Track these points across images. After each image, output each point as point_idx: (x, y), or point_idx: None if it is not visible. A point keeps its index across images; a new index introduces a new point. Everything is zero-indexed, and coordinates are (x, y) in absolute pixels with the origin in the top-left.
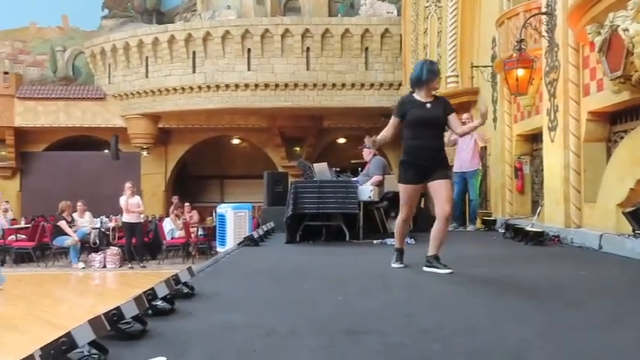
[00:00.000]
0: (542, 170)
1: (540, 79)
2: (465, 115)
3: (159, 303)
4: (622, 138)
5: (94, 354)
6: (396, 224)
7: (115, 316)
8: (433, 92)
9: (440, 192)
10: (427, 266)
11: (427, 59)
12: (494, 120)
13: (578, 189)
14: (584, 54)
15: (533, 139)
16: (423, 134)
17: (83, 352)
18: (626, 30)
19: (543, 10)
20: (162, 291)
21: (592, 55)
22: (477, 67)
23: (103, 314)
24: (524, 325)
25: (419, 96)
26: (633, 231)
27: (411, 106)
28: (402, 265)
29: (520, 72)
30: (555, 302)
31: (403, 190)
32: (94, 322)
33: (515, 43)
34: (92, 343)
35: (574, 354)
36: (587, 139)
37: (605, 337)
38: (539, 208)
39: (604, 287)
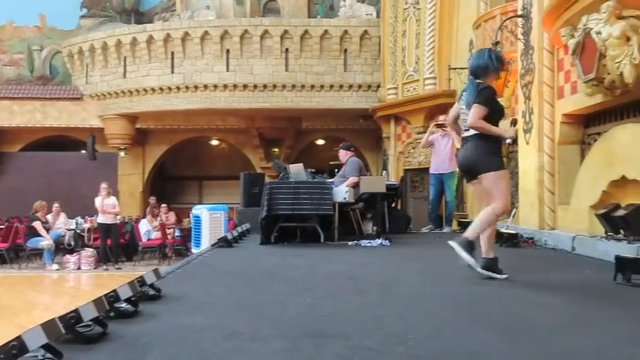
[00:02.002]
0: (518, 172)
1: (516, 81)
2: (441, 117)
3: (122, 305)
4: (595, 140)
5: (48, 358)
6: (489, 220)
7: (72, 318)
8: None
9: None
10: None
11: (489, 48)
12: None
13: (552, 191)
14: (558, 57)
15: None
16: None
17: (37, 355)
18: (598, 33)
19: (519, 12)
20: (126, 293)
21: (566, 58)
22: (454, 69)
23: (59, 317)
24: (490, 327)
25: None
26: (606, 233)
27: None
28: (504, 276)
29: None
30: (523, 305)
31: (504, 176)
32: (47, 326)
33: (492, 46)
34: (47, 347)
35: (537, 356)
36: (562, 141)
37: (569, 339)
38: (514, 210)
39: (573, 289)
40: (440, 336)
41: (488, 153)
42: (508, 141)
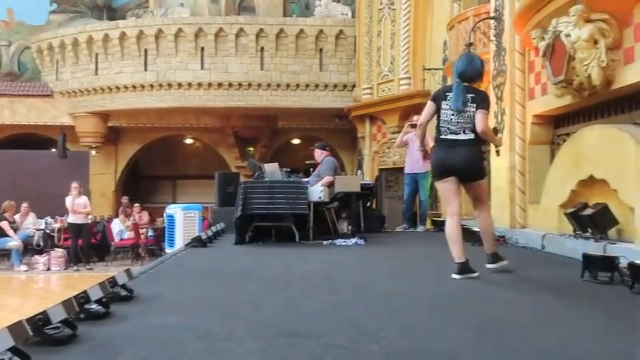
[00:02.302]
0: (490, 172)
1: (489, 82)
2: (415, 117)
3: (92, 306)
4: (564, 141)
5: None
6: (492, 224)
7: (41, 320)
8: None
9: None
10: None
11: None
12: None
13: (523, 190)
14: (529, 58)
15: (483, 141)
16: None
17: (4, 359)
18: (568, 36)
19: (492, 14)
20: (97, 294)
21: (537, 60)
22: (428, 69)
23: (27, 319)
24: (461, 325)
25: None
26: (574, 231)
27: None
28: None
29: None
30: (494, 303)
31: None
32: (14, 328)
33: (465, 47)
34: (14, 350)
35: (506, 353)
36: (532, 141)
37: (538, 336)
38: None
39: (543, 287)
40: (412, 334)
41: (483, 160)
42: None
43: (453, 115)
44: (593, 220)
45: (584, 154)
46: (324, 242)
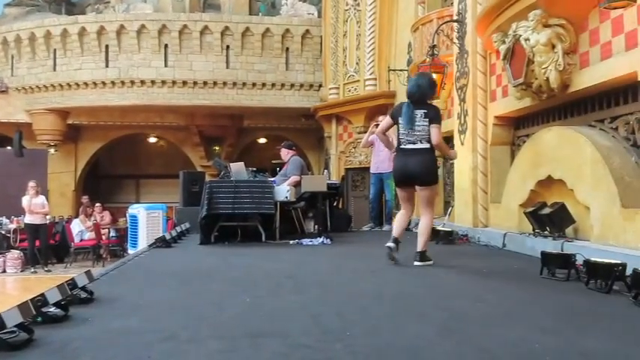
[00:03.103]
0: (453, 173)
1: (452, 84)
2: (380, 118)
3: (50, 309)
4: (524, 142)
5: None
6: (430, 228)
7: None
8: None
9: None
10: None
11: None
12: None
13: (485, 190)
14: (491, 61)
15: (446, 141)
16: None
17: None
18: (527, 40)
19: (455, 17)
20: (55, 296)
21: (498, 63)
22: (394, 70)
23: None
24: (426, 322)
25: None
26: (533, 230)
27: None
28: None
29: (433, 76)
30: (458, 299)
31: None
32: None
33: (429, 49)
34: None
35: (470, 348)
36: (494, 142)
37: (500, 331)
38: (450, 208)
39: (504, 284)
40: (377, 332)
41: (437, 167)
42: (454, 161)
43: (409, 129)
44: (551, 219)
45: (543, 155)
46: (291, 242)
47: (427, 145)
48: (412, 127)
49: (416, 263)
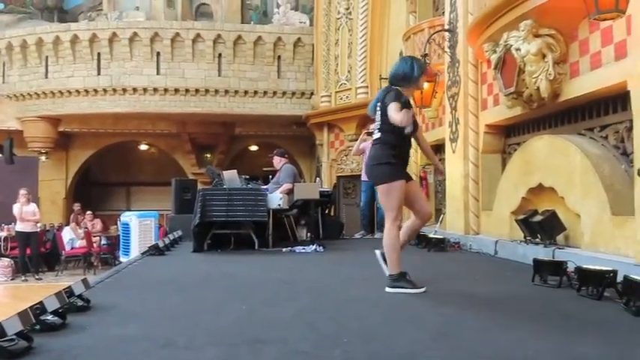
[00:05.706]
0: (445, 180)
1: (443, 92)
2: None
3: (48, 317)
4: (515, 150)
5: None
6: (391, 236)
7: None
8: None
9: (420, 192)
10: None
11: (414, 56)
12: None
13: (476, 197)
14: (482, 70)
15: (437, 149)
16: (408, 137)
17: None
18: (518, 49)
19: (446, 27)
20: (53, 304)
21: (489, 72)
22: (385, 79)
23: None
24: (421, 328)
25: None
26: (525, 237)
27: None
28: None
29: (424, 85)
30: (451, 306)
31: (399, 188)
32: None
33: (420, 58)
34: None
35: (464, 354)
36: (485, 150)
37: (493, 337)
38: (442, 215)
39: (496, 291)
40: (373, 338)
41: (384, 164)
42: (407, 130)
43: (373, 119)
44: (542, 226)
45: (534, 163)
46: (284, 249)
47: (378, 135)
48: (374, 115)
49: (387, 289)
